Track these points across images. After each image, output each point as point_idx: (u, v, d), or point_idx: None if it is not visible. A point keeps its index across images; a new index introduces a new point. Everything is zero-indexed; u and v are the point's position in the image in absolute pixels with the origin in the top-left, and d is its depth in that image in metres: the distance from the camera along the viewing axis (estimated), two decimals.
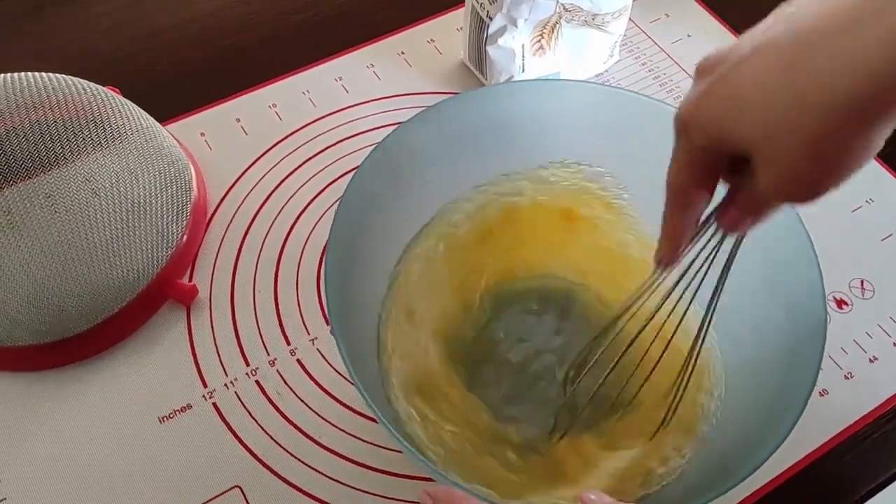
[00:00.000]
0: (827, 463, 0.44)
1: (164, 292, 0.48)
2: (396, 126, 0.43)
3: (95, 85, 0.49)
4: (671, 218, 0.34)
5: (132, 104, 0.50)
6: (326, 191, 0.54)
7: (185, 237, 0.49)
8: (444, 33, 0.62)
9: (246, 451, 0.43)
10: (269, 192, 0.53)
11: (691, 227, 0.34)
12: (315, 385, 0.46)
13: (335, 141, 0.56)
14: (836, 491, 0.43)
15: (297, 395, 0.45)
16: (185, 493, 0.42)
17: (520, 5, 0.51)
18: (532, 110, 0.46)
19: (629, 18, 0.58)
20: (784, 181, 0.28)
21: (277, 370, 0.46)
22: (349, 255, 0.40)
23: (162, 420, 0.44)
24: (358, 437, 0.44)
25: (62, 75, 0.48)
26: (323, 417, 0.45)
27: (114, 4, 0.64)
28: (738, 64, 0.28)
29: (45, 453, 0.43)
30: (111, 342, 0.47)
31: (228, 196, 0.53)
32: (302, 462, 0.43)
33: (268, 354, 0.47)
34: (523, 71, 0.56)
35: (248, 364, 0.46)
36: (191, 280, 0.49)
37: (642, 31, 0.63)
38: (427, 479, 0.42)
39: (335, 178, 0.54)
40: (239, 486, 0.42)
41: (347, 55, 0.61)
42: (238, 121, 0.57)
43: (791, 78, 0.26)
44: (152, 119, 0.51)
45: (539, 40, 0.54)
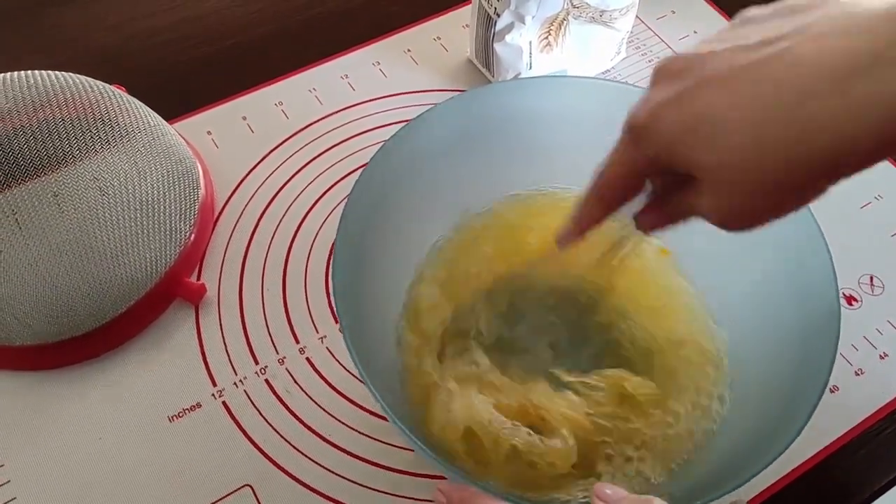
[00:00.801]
0: (840, 458, 0.44)
1: (172, 291, 0.48)
2: (403, 123, 0.42)
3: (102, 83, 0.49)
4: (587, 207, 0.34)
5: (139, 102, 0.50)
6: (334, 189, 0.53)
7: (192, 236, 0.49)
8: (451, 31, 0.62)
9: (256, 450, 0.43)
10: (277, 190, 0.53)
11: (604, 219, 0.34)
12: (325, 383, 0.46)
13: (342, 139, 0.56)
14: (851, 486, 0.43)
15: (307, 394, 0.45)
16: (195, 491, 0.42)
17: (528, 2, 0.51)
18: (540, 107, 0.46)
19: (636, 15, 0.58)
20: (726, 212, 0.28)
21: (287, 368, 0.46)
22: (357, 252, 0.40)
23: (171, 419, 0.44)
24: (368, 436, 0.44)
25: (69, 73, 0.48)
26: (333, 416, 0.44)
27: (118, 2, 0.64)
28: (709, 83, 0.26)
29: (54, 452, 0.43)
30: (120, 341, 0.46)
31: (236, 194, 0.53)
32: (312, 461, 0.43)
33: (277, 353, 0.47)
34: (530, 68, 0.56)
35: (257, 363, 0.46)
36: (199, 279, 0.49)
37: (649, 28, 0.63)
38: (440, 478, 0.42)
39: (342, 175, 0.54)
40: (249, 485, 0.42)
41: (353, 53, 0.61)
42: (244, 119, 0.57)
43: (767, 119, 0.25)
44: (159, 117, 0.51)
45: (546, 37, 0.54)
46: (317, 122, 0.57)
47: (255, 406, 0.45)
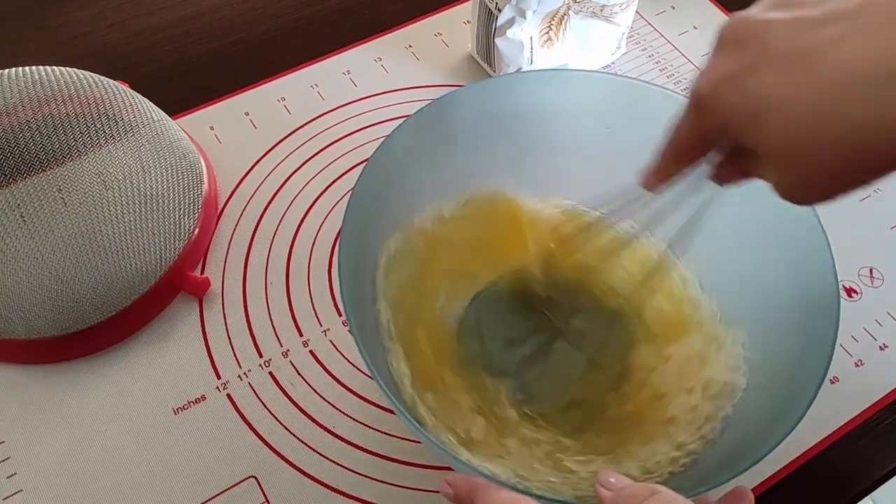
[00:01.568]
0: (840, 449, 0.44)
1: (176, 285, 0.48)
2: (404, 118, 0.43)
3: (106, 78, 0.49)
4: (665, 160, 0.34)
5: (142, 97, 0.50)
6: (336, 183, 0.54)
7: (196, 230, 0.49)
8: (452, 26, 0.63)
9: (261, 442, 0.43)
10: (279, 184, 0.54)
11: (682, 170, 0.34)
12: (328, 376, 0.46)
13: (344, 134, 0.56)
14: (850, 476, 0.44)
15: (311, 386, 0.45)
16: (200, 483, 0.42)
17: None
18: (541, 100, 0.46)
19: (636, 10, 0.58)
20: (787, 189, 0.28)
21: (291, 361, 0.46)
22: (361, 246, 0.40)
23: (176, 411, 0.44)
24: (372, 427, 0.44)
25: (72, 69, 0.48)
26: (337, 408, 0.45)
27: None
28: (771, 63, 0.26)
29: (60, 445, 0.43)
30: (125, 334, 0.47)
31: (239, 189, 0.53)
32: (317, 452, 0.43)
33: (281, 346, 0.47)
34: (531, 63, 0.56)
35: (261, 355, 0.47)
36: (203, 273, 0.50)
37: (649, 24, 0.63)
38: (446, 468, 0.42)
39: (344, 170, 0.54)
40: (254, 476, 0.42)
41: (355, 49, 0.61)
42: (247, 114, 0.57)
43: (826, 111, 0.25)
44: (162, 112, 0.51)
45: (547, 32, 0.55)
46: (319, 117, 0.57)
47: (259, 398, 0.45)
